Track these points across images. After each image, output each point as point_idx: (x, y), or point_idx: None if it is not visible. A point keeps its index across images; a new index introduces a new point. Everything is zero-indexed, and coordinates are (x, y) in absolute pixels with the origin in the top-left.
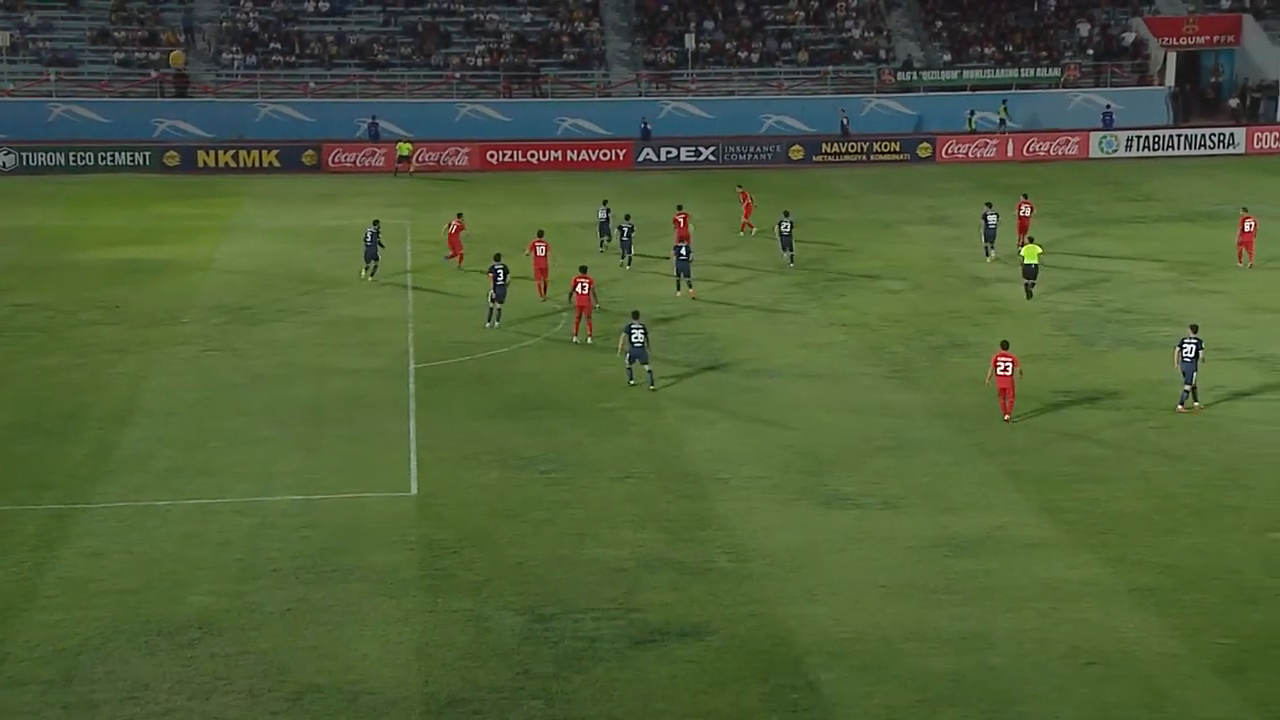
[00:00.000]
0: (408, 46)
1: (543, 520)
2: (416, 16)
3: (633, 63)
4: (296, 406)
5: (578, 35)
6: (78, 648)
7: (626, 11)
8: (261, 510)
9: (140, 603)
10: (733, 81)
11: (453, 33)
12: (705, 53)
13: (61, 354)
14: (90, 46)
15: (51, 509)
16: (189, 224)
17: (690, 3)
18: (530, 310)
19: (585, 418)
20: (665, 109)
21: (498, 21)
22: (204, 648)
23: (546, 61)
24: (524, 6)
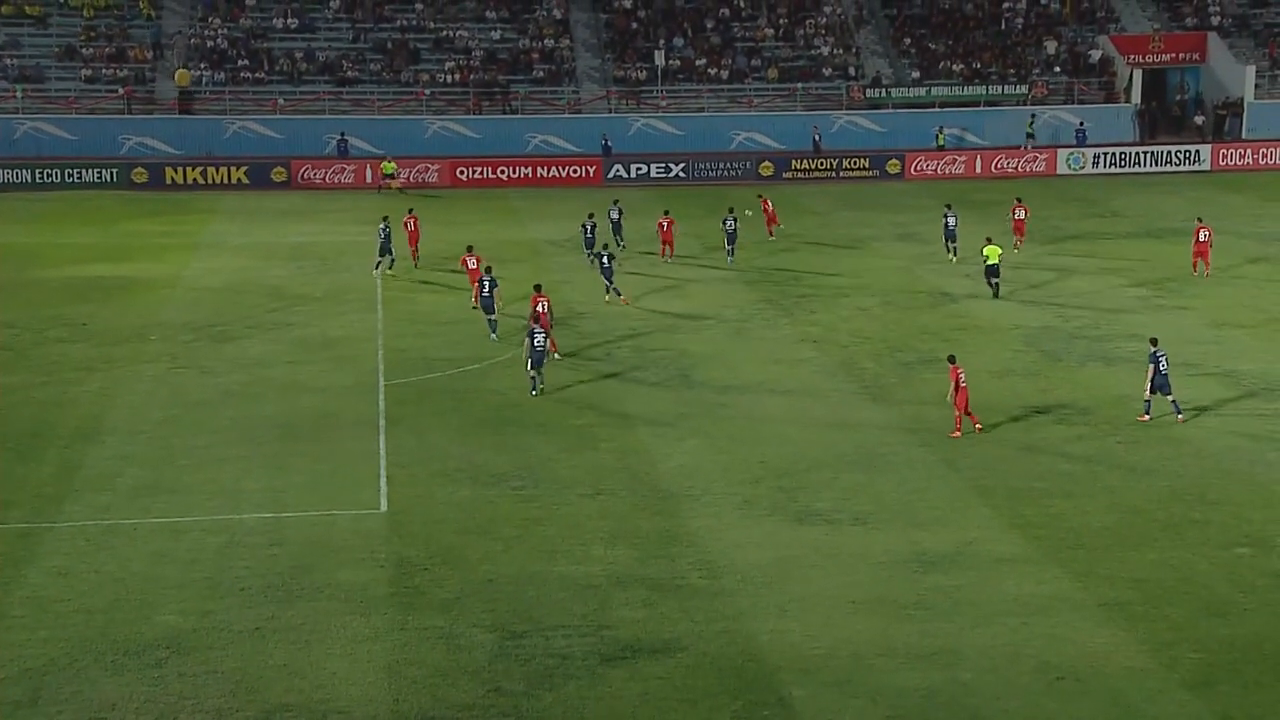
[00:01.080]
0: (377, 63)
1: (513, 537)
2: (386, 33)
3: (603, 79)
4: (265, 424)
5: (548, 52)
6: (44, 668)
7: (596, 28)
8: (230, 529)
9: (108, 622)
10: (703, 98)
11: (422, 49)
12: (675, 69)
13: (27, 372)
14: (57, 63)
15: (17, 528)
16: (157, 241)
17: (660, 20)
18: (501, 328)
19: (556, 434)
20: (635, 125)
21: (467, 38)
22: (172, 667)
23: (516, 78)
24: (494, 23)
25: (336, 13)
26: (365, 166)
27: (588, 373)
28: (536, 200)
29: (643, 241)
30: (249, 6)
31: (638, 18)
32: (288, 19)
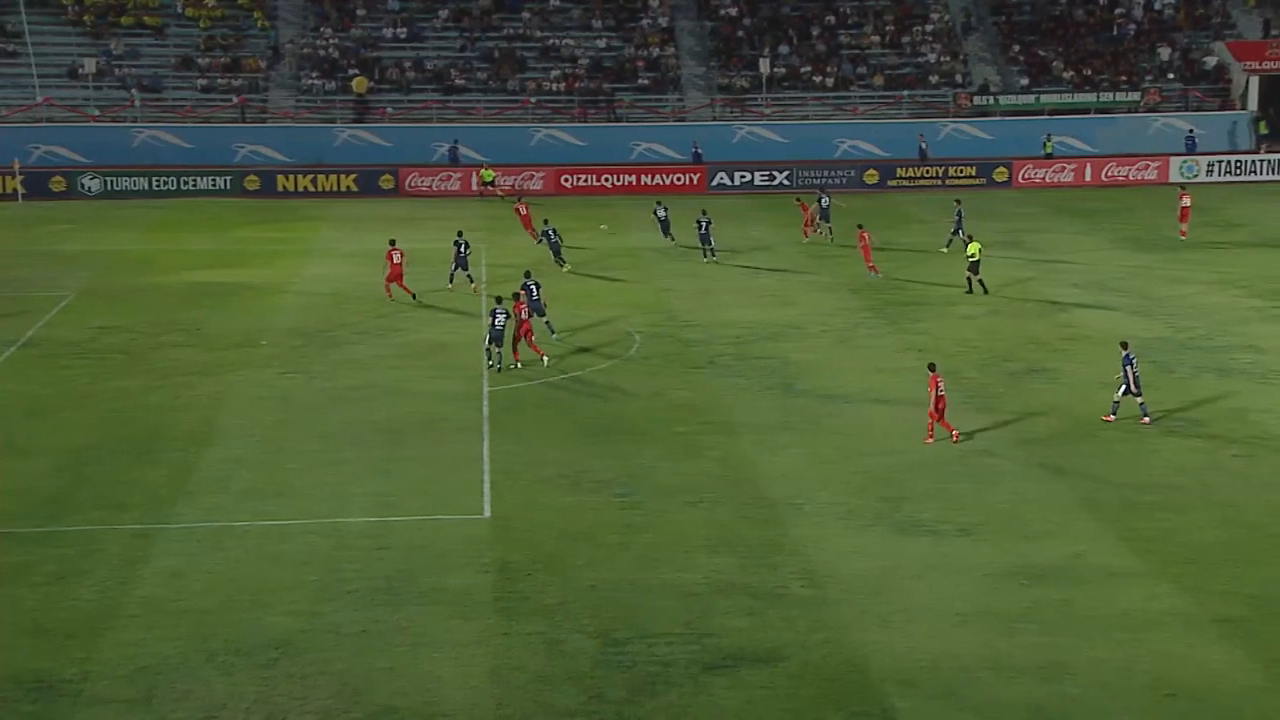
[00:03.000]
0: (484, 72)
1: (616, 544)
2: (493, 42)
3: (707, 87)
4: (372, 429)
5: (653, 60)
6: (158, 666)
7: (702, 36)
8: (338, 532)
9: (219, 622)
10: (807, 106)
11: (529, 58)
12: (780, 77)
13: (142, 376)
14: (174, 73)
15: (133, 529)
16: (268, 248)
17: (765, 27)
18: (605, 335)
19: (658, 441)
20: (739, 133)
21: (573, 47)
22: (281, 668)
23: (621, 86)
24: (600, 32)
25: (445, 22)
26: (471, 174)
27: (690, 380)
28: (641, 207)
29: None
30: (360, 17)
31: (743, 25)
32: (397, 28)
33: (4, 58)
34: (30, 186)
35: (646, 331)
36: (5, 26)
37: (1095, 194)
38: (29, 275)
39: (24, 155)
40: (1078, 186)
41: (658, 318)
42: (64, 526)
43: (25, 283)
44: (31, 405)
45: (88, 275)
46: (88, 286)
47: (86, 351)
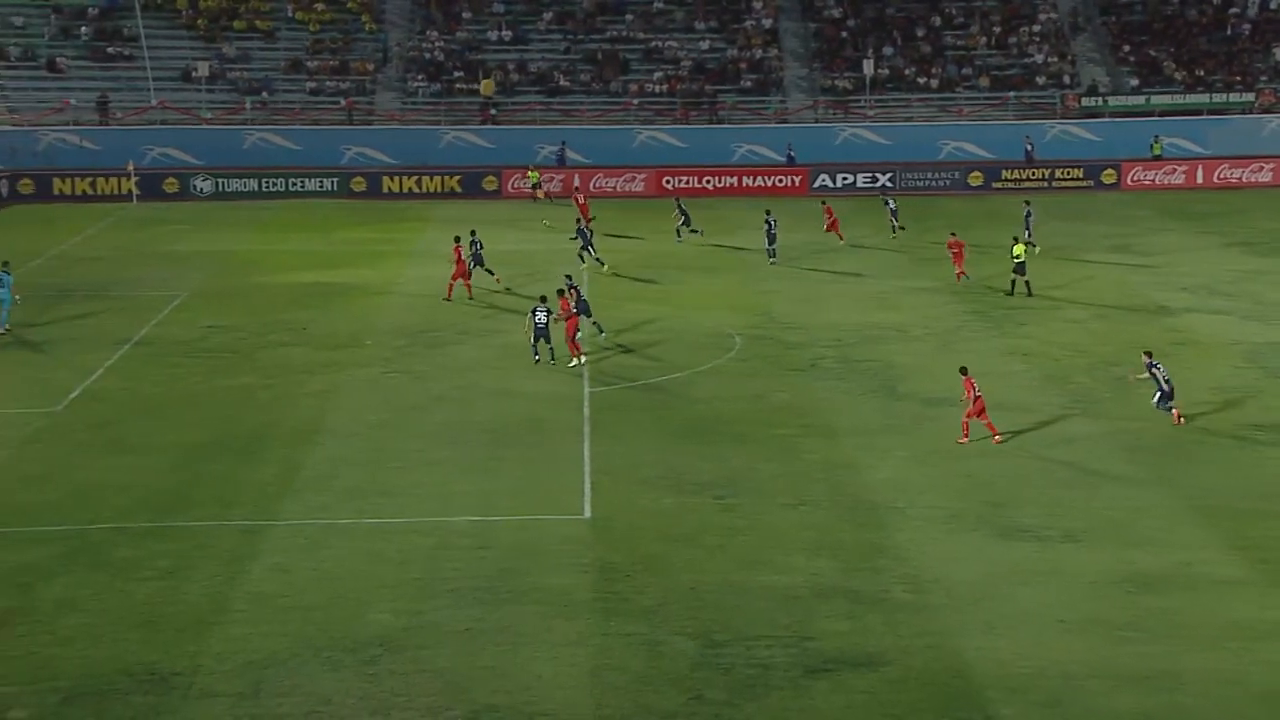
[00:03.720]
0: (587, 74)
1: (716, 546)
2: (596, 44)
3: (810, 89)
4: (474, 429)
5: (756, 62)
6: (265, 661)
7: (805, 38)
8: (440, 530)
9: (325, 619)
10: (911, 107)
11: (632, 60)
12: (884, 79)
13: (251, 375)
14: (284, 76)
15: (241, 525)
16: (373, 248)
17: (870, 28)
18: (705, 337)
19: (759, 444)
20: (842, 135)
21: (676, 49)
22: (385, 665)
23: (724, 88)
24: (703, 33)
25: (549, 25)
26: (573, 176)
27: (791, 382)
28: (743, 209)
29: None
30: (466, 20)
31: (847, 27)
32: (502, 31)
33: (121, 61)
34: (144, 187)
35: (747, 333)
36: (123, 31)
37: (1206, 196)
38: (143, 275)
39: (139, 157)
40: (1188, 189)
41: (759, 320)
42: (175, 522)
43: (139, 282)
44: (144, 403)
45: (199, 275)
46: (199, 286)
47: (197, 350)
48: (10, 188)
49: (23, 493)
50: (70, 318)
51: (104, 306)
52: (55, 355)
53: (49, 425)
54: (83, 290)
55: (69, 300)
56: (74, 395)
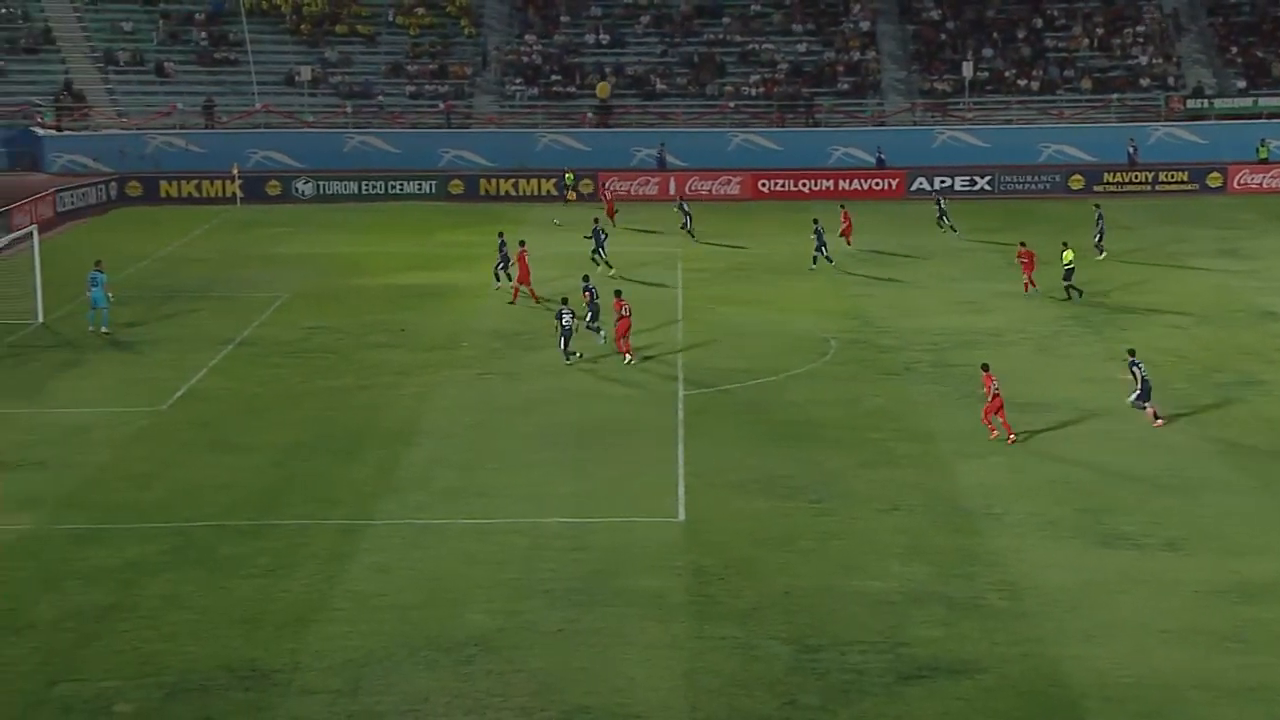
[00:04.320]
0: (684, 77)
1: (810, 550)
2: (693, 47)
3: (908, 91)
4: (569, 430)
5: (853, 64)
6: (363, 659)
7: (903, 40)
8: (535, 531)
9: (421, 618)
10: (1011, 110)
11: (728, 63)
12: (983, 81)
13: (350, 375)
14: (384, 80)
15: (340, 524)
16: (470, 251)
17: (969, 30)
18: (800, 341)
19: (853, 448)
20: (940, 138)
21: (773, 51)
22: (480, 664)
23: (821, 90)
24: (800, 36)
25: (646, 28)
26: (669, 179)
27: (886, 387)
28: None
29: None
30: (563, 24)
31: (946, 29)
32: (599, 34)
33: (227, 65)
34: (248, 190)
35: (842, 338)
36: (228, 36)
37: None
38: (246, 276)
39: (243, 160)
40: None
41: (853, 324)
42: (276, 521)
43: (242, 283)
44: (246, 403)
45: (300, 277)
46: (300, 288)
47: (298, 351)
48: (119, 190)
49: (129, 490)
50: (176, 318)
51: (208, 307)
52: (161, 355)
53: (154, 424)
54: (188, 291)
55: (175, 301)
56: (179, 394)
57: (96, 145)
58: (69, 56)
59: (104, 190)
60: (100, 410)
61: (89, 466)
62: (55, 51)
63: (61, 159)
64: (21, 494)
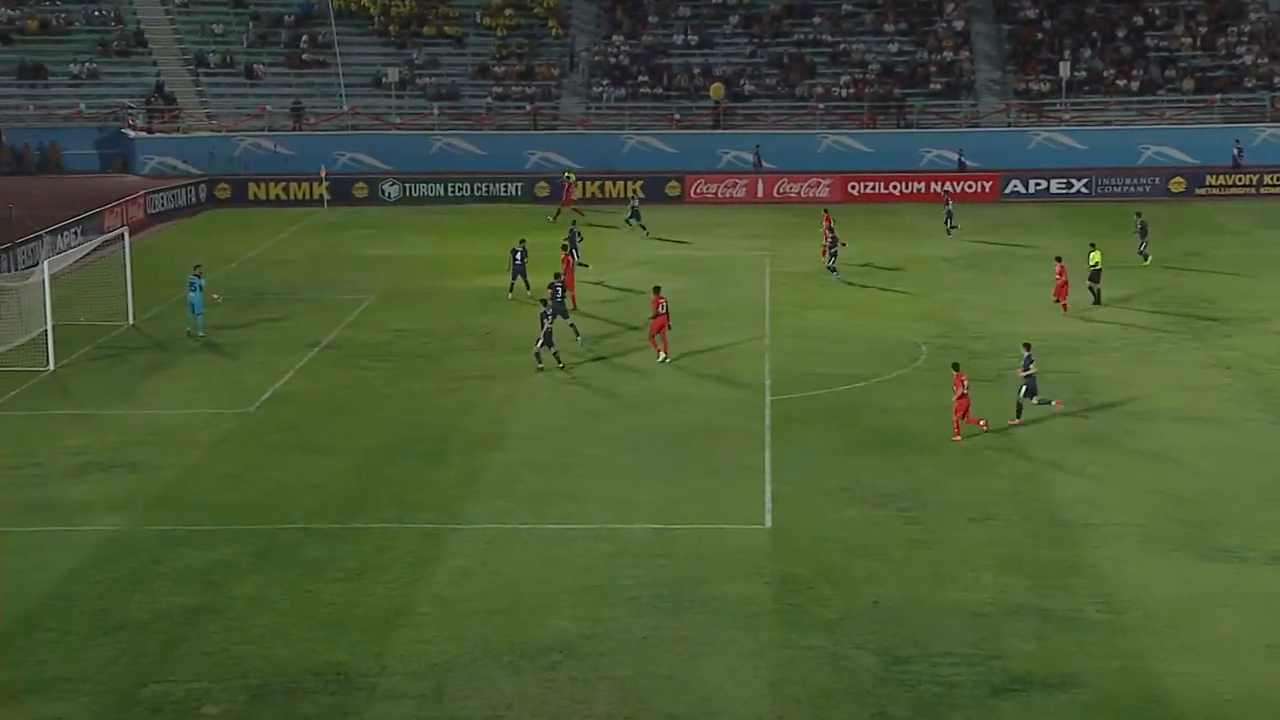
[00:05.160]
0: (773, 77)
1: (900, 559)
2: (783, 47)
3: (1003, 92)
4: (655, 435)
5: (946, 64)
6: (448, 665)
7: (998, 39)
8: (620, 537)
9: (506, 624)
10: (1109, 110)
11: (819, 63)
12: (1080, 81)
13: (436, 378)
14: (471, 81)
15: (424, 528)
16: (554, 253)
17: (1066, 29)
18: (890, 346)
19: (945, 456)
20: (1035, 139)
21: (864, 51)
22: (564, 671)
23: (913, 91)
24: (892, 36)
25: (735, 28)
26: (757, 182)
27: (978, 393)
28: (930, 215)
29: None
30: (651, 24)
31: (1042, 28)
32: (688, 35)
33: (315, 67)
34: (335, 192)
35: (933, 342)
36: (316, 38)
37: None
38: (333, 278)
39: (330, 162)
40: None
41: (945, 329)
42: (361, 524)
43: (329, 285)
44: (333, 404)
45: (386, 279)
46: (386, 290)
47: (384, 353)
48: (208, 192)
49: (217, 492)
50: (263, 320)
51: (295, 310)
52: (249, 357)
53: (241, 426)
54: (275, 294)
55: (263, 303)
56: (265, 396)
57: (186, 147)
58: (160, 59)
59: (193, 192)
60: (189, 412)
61: (178, 468)
62: (147, 54)
63: (152, 161)
64: (114, 495)
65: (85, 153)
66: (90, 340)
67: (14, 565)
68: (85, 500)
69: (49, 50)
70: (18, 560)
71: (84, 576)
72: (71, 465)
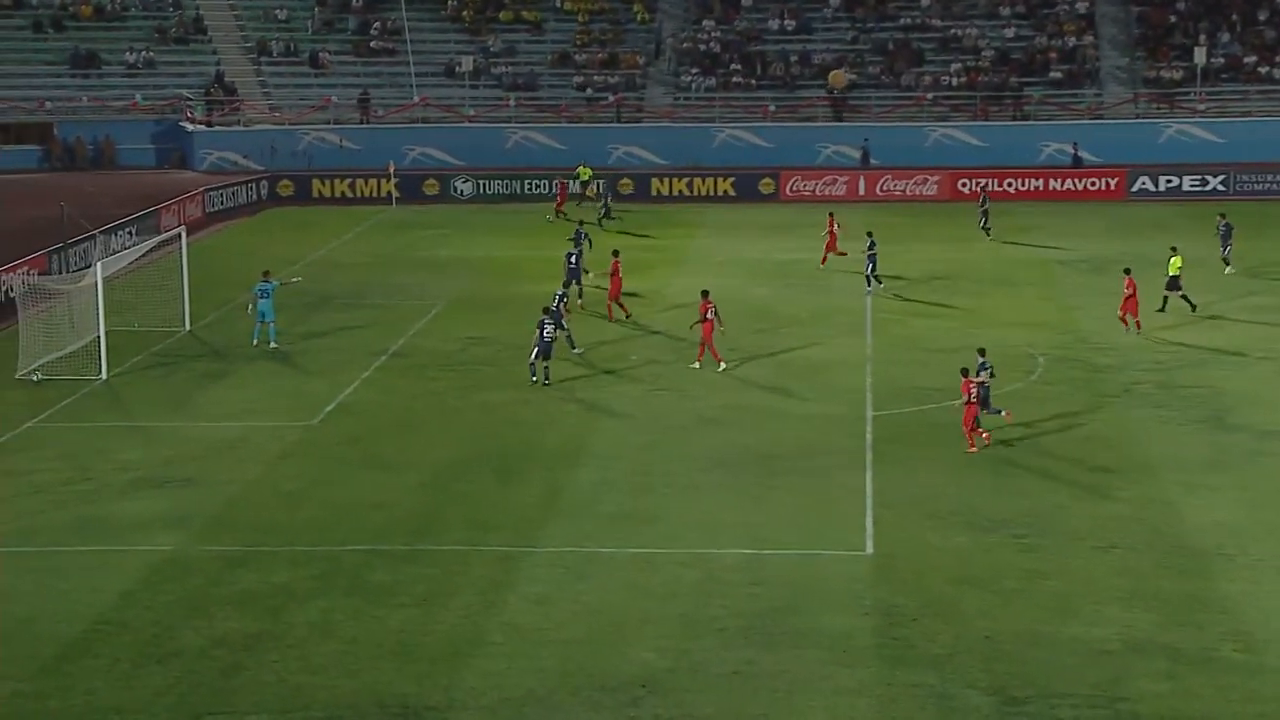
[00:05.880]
0: (877, 66)
1: (1015, 591)
2: (888, 33)
3: (1130, 80)
4: (745, 453)
5: (1068, 51)
6: (523, 698)
7: (1126, 23)
8: (708, 563)
9: (584, 655)
10: (1250, 100)
11: (926, 50)
12: (1217, 68)
13: (510, 390)
14: (550, 70)
15: (499, 550)
16: (639, 255)
17: (1202, 12)
18: (1003, 356)
19: (1064, 478)
20: (1165, 132)
21: (977, 36)
22: (647, 707)
23: (1030, 80)
24: (1008, 20)
25: (836, 12)
26: (858, 178)
27: (1102, 410)
28: (1048, 215)
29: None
30: (744, 8)
31: (1175, 10)
32: (784, 20)
33: (384, 56)
34: (404, 189)
35: (1051, 354)
36: (386, 24)
37: None
38: (401, 282)
39: (399, 157)
40: None
41: (1065, 338)
42: (431, 545)
43: (397, 289)
44: (400, 418)
45: (458, 283)
46: (458, 294)
47: (455, 363)
48: (270, 189)
49: (278, 510)
50: (327, 327)
51: (361, 316)
52: (312, 366)
53: (304, 439)
54: (340, 298)
55: (326, 308)
56: (330, 408)
57: (247, 141)
58: (220, 47)
59: (254, 189)
60: (248, 424)
61: (237, 484)
62: (206, 41)
63: (211, 156)
64: (168, 513)
65: (141, 147)
66: (144, 347)
67: (63, 587)
68: (138, 518)
69: (103, 38)
70: (66, 582)
71: (136, 600)
72: (124, 481)
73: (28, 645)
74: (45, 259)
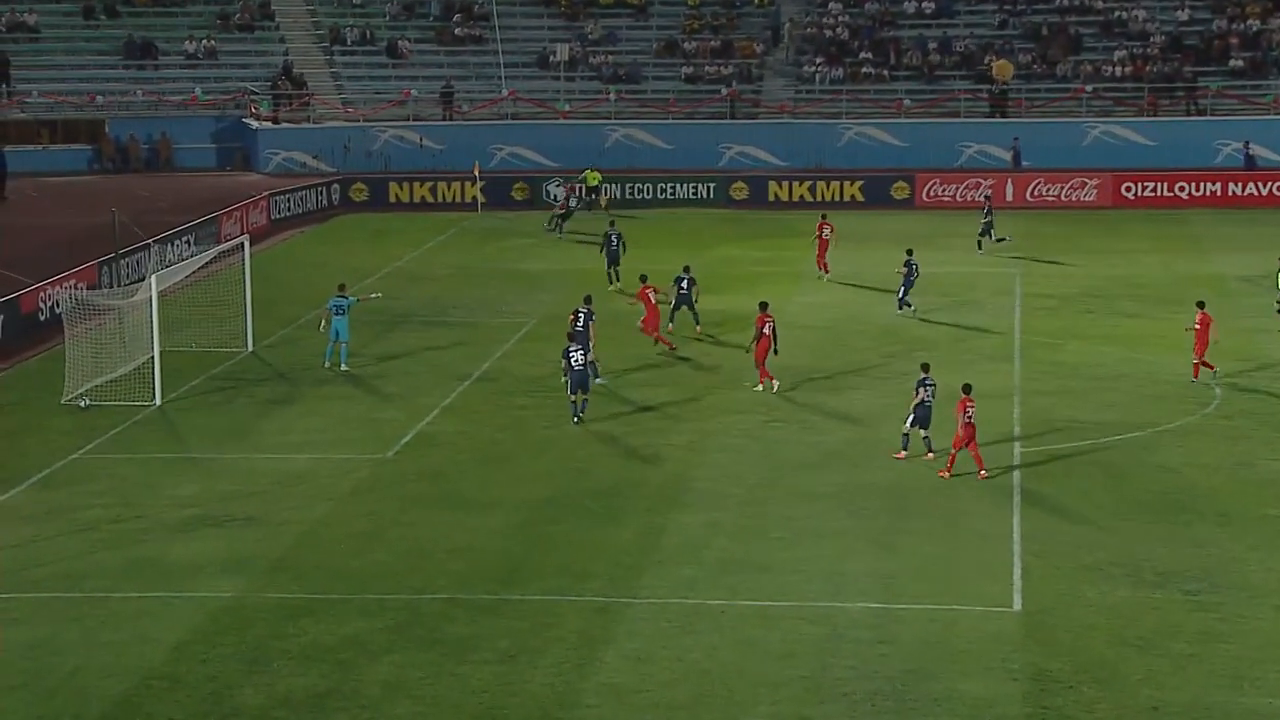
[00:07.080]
0: (1027, 54)
1: (1186, 655)
2: (1042, 16)
3: None
4: (873, 493)
5: (1251, 36)
6: None
7: None
8: (830, 618)
9: None
10: None
11: (1086, 35)
12: None
13: (607, 419)
14: (655, 60)
15: (594, 601)
16: (755, 269)
17: None
18: (1172, 386)
19: (1244, 526)
20: None
21: (1144, 20)
22: None
23: (1207, 70)
24: (1180, 2)
25: None
26: (1006, 182)
27: None
28: (1227, 224)
29: None
30: None
31: None
32: (922, 2)
33: (470, 44)
34: (491, 194)
35: (1229, 383)
36: (472, 9)
37: None
38: (486, 297)
39: (485, 158)
40: None
41: (1244, 365)
42: (518, 595)
43: (483, 306)
44: (485, 450)
45: (549, 299)
46: (549, 311)
47: (546, 388)
48: (342, 193)
49: (348, 554)
50: (405, 348)
51: (442, 335)
52: (386, 391)
53: (378, 474)
54: (418, 315)
55: (404, 327)
56: (406, 439)
57: (318, 140)
58: (289, 35)
59: (325, 194)
60: (316, 456)
61: (303, 523)
62: (274, 29)
63: (277, 156)
64: (227, 555)
65: (200, 147)
66: (203, 370)
67: (111, 638)
68: (194, 561)
69: (161, 25)
70: (115, 632)
71: (192, 652)
72: (179, 519)
73: (72, 702)
74: (94, 271)
